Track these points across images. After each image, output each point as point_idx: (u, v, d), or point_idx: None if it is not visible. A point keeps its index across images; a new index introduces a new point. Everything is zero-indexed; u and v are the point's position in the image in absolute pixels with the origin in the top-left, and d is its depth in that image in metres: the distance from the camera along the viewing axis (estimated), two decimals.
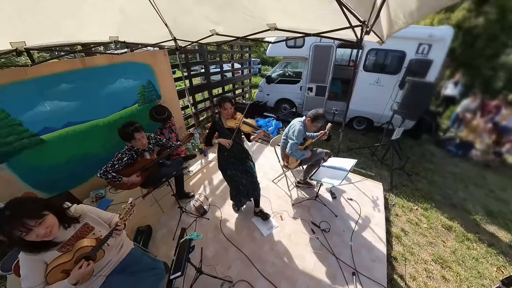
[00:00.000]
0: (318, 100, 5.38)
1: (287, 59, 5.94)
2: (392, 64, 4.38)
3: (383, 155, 3.97)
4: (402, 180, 3.52)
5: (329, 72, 4.96)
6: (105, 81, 2.84)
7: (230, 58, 6.26)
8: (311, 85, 5.34)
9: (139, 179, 2.30)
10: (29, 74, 2.19)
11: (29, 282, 1.09)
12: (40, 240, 1.05)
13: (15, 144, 2.23)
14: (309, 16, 1.93)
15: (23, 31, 1.78)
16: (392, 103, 4.22)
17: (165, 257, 2.10)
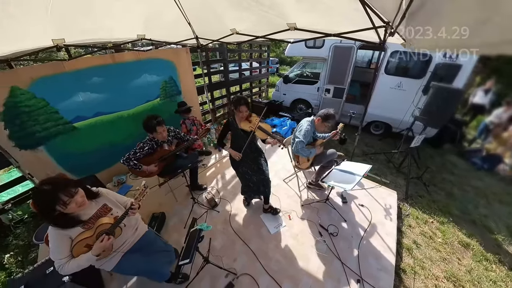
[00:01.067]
0: (335, 102, 5.21)
1: (305, 59, 5.81)
2: (417, 68, 4.10)
3: (400, 163, 3.76)
4: (419, 190, 3.30)
5: (348, 74, 4.77)
6: (131, 76, 3.00)
7: (248, 57, 6.27)
8: (328, 86, 5.19)
9: (157, 169, 2.41)
10: (67, 68, 2.40)
11: (57, 255, 1.21)
12: (79, 207, 1.22)
13: (51, 129, 2.45)
14: (330, 16, 1.87)
15: (64, 29, 1.94)
16: (414, 109, 3.95)
17: (175, 243, 2.18)
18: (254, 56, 6.43)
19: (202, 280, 1.94)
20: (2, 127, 2.13)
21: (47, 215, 1.16)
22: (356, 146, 3.21)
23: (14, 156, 2.28)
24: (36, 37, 1.92)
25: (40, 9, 1.67)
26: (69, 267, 1.21)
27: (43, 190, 1.12)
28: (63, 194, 1.14)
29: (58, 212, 1.15)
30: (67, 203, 1.15)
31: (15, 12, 1.55)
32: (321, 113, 2.34)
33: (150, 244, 1.66)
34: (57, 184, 1.15)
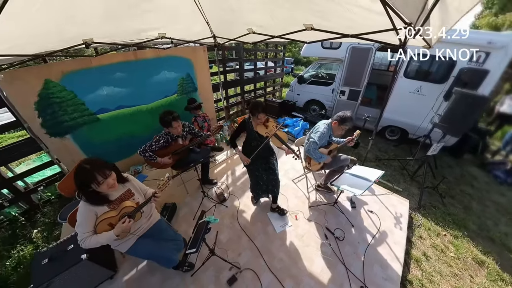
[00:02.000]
0: (350, 105, 5.05)
1: (321, 60, 5.67)
2: (439, 72, 3.83)
3: (415, 171, 3.56)
4: (433, 201, 3.11)
5: (365, 76, 4.59)
6: (151, 72, 3.11)
7: (264, 56, 6.24)
8: (344, 88, 5.03)
9: (171, 161, 2.49)
10: (93, 63, 2.55)
11: (83, 228, 1.33)
12: (109, 188, 1.34)
13: (78, 120, 2.62)
14: (347, 16, 1.80)
15: (95, 27, 2.06)
16: (433, 115, 3.71)
17: (184, 233, 2.26)
18: (270, 56, 6.39)
19: (207, 270, 1.99)
20: (36, 116, 2.31)
21: (82, 190, 1.29)
22: (369, 151, 3.09)
23: (45, 142, 2.47)
24: (68, 35, 2.06)
25: (76, 11, 1.80)
26: (90, 242, 1.32)
27: (83, 167, 1.26)
28: (98, 174, 1.26)
29: (92, 189, 1.29)
30: (100, 183, 1.28)
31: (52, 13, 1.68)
32: (338, 115, 2.27)
33: (161, 232, 1.75)
34: (95, 165, 1.28)
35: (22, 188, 2.80)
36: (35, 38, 1.90)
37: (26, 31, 1.75)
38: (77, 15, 1.85)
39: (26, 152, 2.64)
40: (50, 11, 1.63)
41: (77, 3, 1.72)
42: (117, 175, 1.44)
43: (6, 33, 1.60)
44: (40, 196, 2.98)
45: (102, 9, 1.91)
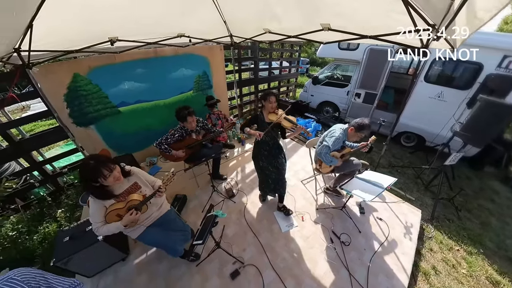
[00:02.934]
0: (365, 108, 4.86)
1: (337, 61, 5.50)
2: (463, 78, 3.55)
3: (430, 180, 3.36)
4: (448, 213, 2.92)
5: (382, 79, 4.38)
6: (170, 69, 3.20)
7: (279, 56, 6.18)
8: (359, 91, 4.85)
9: (184, 155, 2.55)
10: (117, 59, 2.68)
11: (94, 219, 1.41)
12: (115, 181, 1.38)
13: (101, 111, 2.77)
14: (366, 17, 1.72)
15: (119, 26, 2.18)
16: (454, 123, 3.46)
17: (192, 224, 2.31)
18: (285, 56, 6.31)
19: (211, 262, 2.04)
20: (65, 106, 2.48)
21: (89, 186, 1.34)
22: (383, 156, 2.96)
23: (72, 131, 2.64)
24: (95, 33, 2.19)
25: (102, 12, 1.91)
26: (102, 230, 1.40)
27: (89, 164, 1.30)
28: (104, 169, 1.30)
29: (99, 184, 1.33)
30: (107, 176, 1.32)
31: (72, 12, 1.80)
32: (356, 122, 2.20)
33: (170, 222, 1.80)
34: (99, 160, 1.32)
35: (50, 171, 3.03)
36: (68, 36, 2.03)
37: (61, 29, 1.87)
38: (105, 16, 1.97)
39: (55, 139, 2.84)
40: (83, 12, 1.77)
41: (107, 8, 1.84)
42: (122, 170, 1.48)
43: (43, 31, 1.72)
44: (65, 179, 3.20)
45: (128, 12, 2.02)
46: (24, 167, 2.99)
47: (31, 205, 2.85)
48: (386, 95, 4.97)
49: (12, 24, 1.44)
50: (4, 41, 1.58)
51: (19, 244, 2.30)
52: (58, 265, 1.69)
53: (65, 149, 3.52)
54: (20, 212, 2.71)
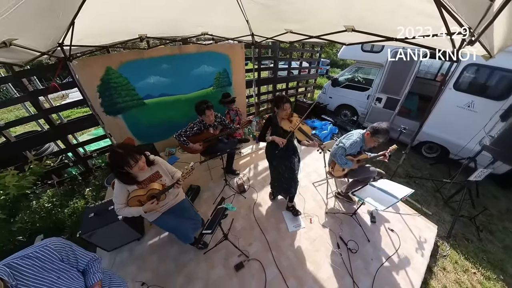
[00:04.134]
0: (386, 114, 4.59)
1: (359, 64, 5.23)
2: (498, 87, 3.17)
3: (451, 196, 3.09)
4: (467, 233, 2.66)
5: (406, 84, 4.09)
6: (192, 65, 3.29)
7: (299, 56, 6.04)
8: (381, 95, 4.59)
9: (201, 148, 2.62)
10: (145, 55, 2.81)
11: (118, 200, 1.51)
12: (140, 170, 1.45)
13: (129, 102, 2.94)
14: (393, 18, 1.59)
15: (148, 24, 2.29)
16: (484, 136, 3.13)
17: (203, 214, 2.40)
18: (305, 56, 6.16)
19: (218, 252, 2.10)
20: (98, 96, 2.66)
21: (116, 171, 1.42)
22: (400, 166, 2.80)
23: (102, 119, 2.84)
24: (127, 30, 2.33)
25: (134, 10, 2.01)
26: (123, 212, 1.50)
27: (117, 152, 1.37)
28: (131, 159, 1.36)
29: (124, 170, 1.40)
30: (132, 166, 1.38)
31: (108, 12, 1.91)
32: (372, 126, 2.06)
33: (183, 210, 1.88)
34: (127, 150, 1.38)
35: (82, 153, 3.29)
36: (103, 32, 2.18)
37: (98, 26, 2.01)
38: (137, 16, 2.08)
39: (87, 125, 3.08)
40: (121, 12, 1.88)
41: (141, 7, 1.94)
42: (146, 158, 1.54)
43: (82, 28, 1.86)
44: (94, 162, 3.46)
45: (158, 13, 2.11)
46: (61, 149, 3.29)
47: (64, 182, 3.14)
48: (409, 101, 4.64)
49: (57, 23, 1.58)
50: (50, 37, 1.74)
51: (52, 215, 2.55)
52: (83, 237, 1.86)
53: (95, 135, 3.79)
54: (55, 187, 2.99)
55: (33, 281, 0.83)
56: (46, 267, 0.88)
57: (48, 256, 0.90)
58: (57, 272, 0.90)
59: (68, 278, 0.93)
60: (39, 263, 0.87)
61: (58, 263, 0.92)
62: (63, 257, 0.95)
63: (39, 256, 0.88)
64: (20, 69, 2.41)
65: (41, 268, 0.86)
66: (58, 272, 0.91)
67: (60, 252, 0.94)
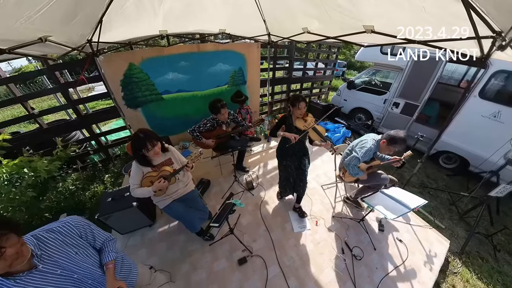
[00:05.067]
0: (402, 119, 4.36)
1: (377, 66, 4.99)
2: None
3: (467, 210, 2.87)
4: (482, 251, 2.46)
5: (427, 90, 3.83)
6: (209, 63, 3.32)
7: (315, 57, 5.89)
8: (399, 100, 4.36)
9: (213, 144, 2.66)
10: (165, 52, 2.88)
11: (133, 181, 1.61)
12: (155, 154, 1.56)
13: (148, 97, 3.05)
14: (417, 20, 1.48)
15: (169, 22, 2.37)
16: (510, 150, 2.89)
17: (212, 208, 2.46)
18: (321, 57, 6.00)
19: (223, 245, 2.14)
20: (120, 90, 2.79)
21: (135, 153, 1.55)
22: (415, 174, 2.63)
23: (123, 111, 2.98)
24: (149, 27, 2.42)
25: (153, 7, 2.08)
26: (136, 192, 1.60)
27: (139, 135, 1.50)
28: (148, 143, 1.49)
29: (142, 153, 1.52)
30: (149, 150, 1.50)
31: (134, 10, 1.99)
32: (389, 134, 1.97)
33: (192, 200, 1.95)
34: (147, 135, 1.51)
35: (104, 142, 3.49)
36: (127, 29, 2.28)
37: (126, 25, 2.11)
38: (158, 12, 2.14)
39: (110, 116, 3.27)
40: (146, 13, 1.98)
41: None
42: (162, 145, 1.65)
43: (109, 26, 1.97)
44: (114, 151, 3.65)
45: (179, 11, 2.16)
46: (85, 137, 3.50)
47: (87, 168, 3.35)
48: (429, 107, 4.36)
49: (86, 20, 1.68)
50: (80, 33, 1.84)
51: (75, 196, 2.75)
52: (100, 219, 1.99)
53: (116, 126, 3.99)
54: (79, 172, 3.20)
55: (55, 252, 0.90)
56: (67, 242, 0.95)
57: (69, 232, 0.97)
58: (76, 248, 0.97)
59: (85, 254, 1.00)
60: (61, 237, 0.93)
61: (77, 239, 0.99)
62: (81, 234, 1.02)
63: (61, 231, 0.95)
64: (53, 63, 2.59)
65: (63, 242, 0.93)
66: (77, 247, 0.97)
67: (79, 229, 1.01)
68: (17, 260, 0.74)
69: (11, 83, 2.52)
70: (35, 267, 0.82)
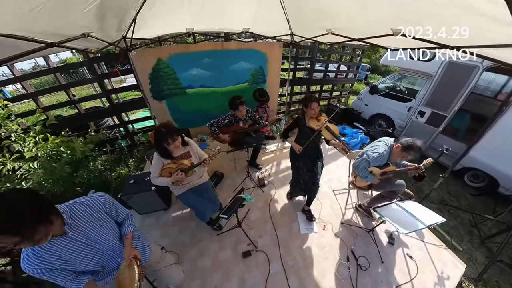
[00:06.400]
0: (427, 130, 4.01)
1: (404, 71, 4.62)
2: None
3: (491, 235, 2.55)
4: (503, 281, 2.18)
5: (458, 100, 3.47)
6: (231, 61, 3.36)
7: (338, 59, 5.63)
8: (425, 109, 4.00)
9: (229, 139, 2.70)
10: (191, 49, 2.99)
11: (154, 170, 1.71)
12: (175, 148, 1.64)
13: (172, 90, 3.19)
14: (453, 23, 1.29)
15: (195, 20, 2.42)
16: None
17: (223, 200, 2.47)
18: (345, 59, 5.72)
19: (230, 236, 2.18)
20: (148, 83, 2.95)
21: (157, 146, 1.64)
22: (435, 190, 2.41)
23: (150, 103, 3.15)
24: (178, 25, 2.50)
25: (182, 6, 2.14)
26: (156, 180, 1.70)
27: (160, 130, 1.58)
28: (169, 138, 1.56)
29: (163, 146, 1.60)
30: (169, 143, 1.58)
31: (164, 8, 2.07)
32: (405, 140, 1.83)
33: (205, 191, 2.02)
34: (169, 130, 1.59)
35: (130, 130, 3.73)
36: (158, 27, 2.38)
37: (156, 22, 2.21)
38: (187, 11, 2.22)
39: (138, 106, 3.48)
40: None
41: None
42: (182, 140, 1.72)
43: (142, 23, 2.08)
44: (139, 138, 3.89)
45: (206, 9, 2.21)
46: (115, 123, 3.76)
47: (114, 151, 3.61)
48: (458, 119, 3.90)
49: (123, 18, 1.78)
50: (116, 29, 1.97)
51: (103, 176, 2.98)
52: (122, 199, 2.15)
53: (142, 115, 4.23)
54: (107, 154, 3.47)
55: (83, 223, 0.99)
56: (94, 215, 1.04)
57: (97, 207, 1.06)
58: (101, 221, 1.06)
59: (108, 228, 1.09)
60: (89, 210, 1.03)
61: (103, 214, 1.09)
62: (107, 210, 1.11)
63: (90, 205, 1.04)
64: (93, 56, 2.81)
65: (90, 215, 1.03)
66: (102, 221, 1.07)
67: (105, 205, 1.10)
68: (45, 239, 0.80)
69: (58, 72, 2.81)
70: (65, 234, 0.92)
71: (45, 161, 2.41)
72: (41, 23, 1.19)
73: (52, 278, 0.91)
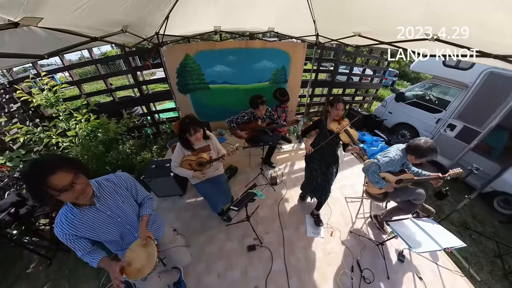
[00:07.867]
0: (456, 145, 3.58)
1: (436, 80, 4.14)
2: None
3: None
4: None
5: (496, 115, 3.03)
6: (254, 59, 3.35)
7: (364, 62, 5.28)
8: (456, 122, 3.58)
9: (246, 136, 2.71)
10: (217, 46, 3.04)
11: (174, 159, 1.79)
12: (196, 140, 1.69)
13: (197, 85, 3.30)
14: (498, 29, 1.11)
15: (223, 19, 2.46)
16: None
17: (234, 193, 2.53)
18: (371, 63, 5.34)
19: (237, 229, 2.23)
20: (175, 77, 3.08)
21: (180, 136, 1.70)
22: (458, 211, 2.15)
23: (175, 95, 3.30)
24: (206, 23, 2.56)
25: (210, 5, 2.18)
26: (176, 170, 1.79)
27: (185, 121, 1.64)
28: (192, 129, 1.62)
29: (186, 137, 1.67)
30: (192, 135, 1.64)
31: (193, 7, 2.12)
32: (412, 142, 1.63)
33: (219, 183, 2.07)
34: (192, 121, 1.65)
35: (157, 119, 3.94)
36: (187, 25, 2.46)
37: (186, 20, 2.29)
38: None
39: (164, 98, 3.66)
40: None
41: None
42: (204, 132, 1.76)
43: (173, 21, 2.15)
44: (163, 127, 4.10)
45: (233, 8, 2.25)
46: (144, 112, 4.00)
47: (141, 137, 3.86)
48: (494, 136, 3.40)
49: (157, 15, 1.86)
50: (149, 25, 2.06)
51: (130, 159, 3.20)
52: (144, 181, 2.31)
53: (168, 106, 4.43)
54: (135, 139, 3.72)
55: (108, 197, 1.09)
56: (117, 191, 1.14)
57: (120, 183, 1.17)
58: (123, 197, 1.16)
59: (128, 204, 1.19)
60: (113, 186, 1.13)
61: (125, 191, 1.18)
62: (128, 188, 1.20)
63: (115, 181, 1.15)
64: (129, 50, 3.01)
65: (114, 191, 1.13)
66: (123, 197, 1.17)
67: (127, 183, 1.20)
68: (82, 196, 0.91)
69: (99, 63, 3.08)
70: (93, 205, 1.03)
71: (84, 139, 2.69)
72: (86, 19, 1.29)
73: (74, 246, 1.01)
